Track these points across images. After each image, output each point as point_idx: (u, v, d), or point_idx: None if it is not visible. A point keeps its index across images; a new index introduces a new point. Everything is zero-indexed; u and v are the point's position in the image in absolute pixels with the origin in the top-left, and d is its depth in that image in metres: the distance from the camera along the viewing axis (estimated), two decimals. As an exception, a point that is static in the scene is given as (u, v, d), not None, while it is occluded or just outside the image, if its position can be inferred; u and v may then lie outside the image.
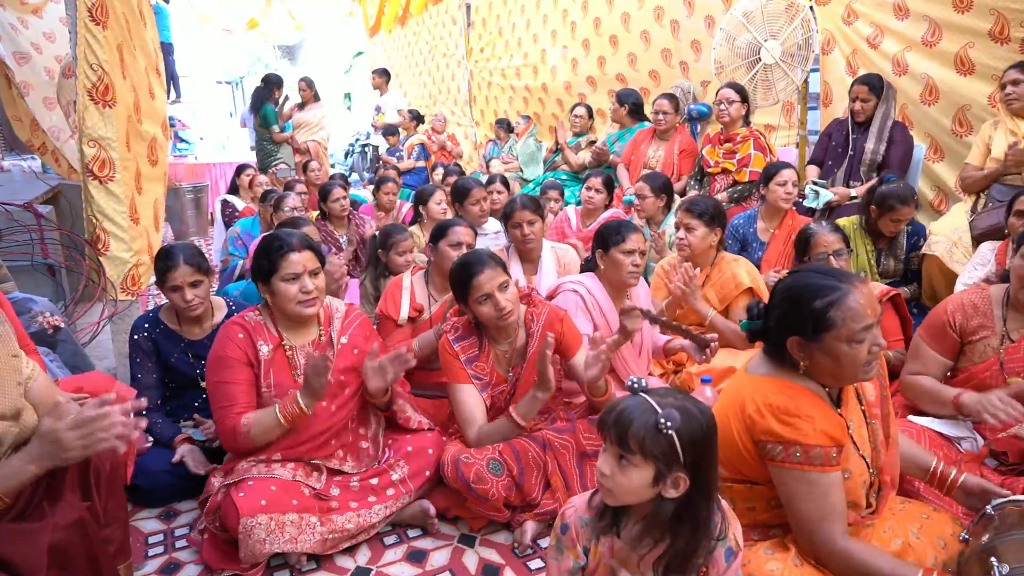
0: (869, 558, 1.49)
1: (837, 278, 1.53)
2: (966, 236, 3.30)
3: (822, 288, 1.52)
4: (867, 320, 1.48)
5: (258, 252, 2.21)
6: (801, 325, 1.53)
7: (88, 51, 3.15)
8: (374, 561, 2.13)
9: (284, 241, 2.18)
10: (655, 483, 1.29)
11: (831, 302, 1.49)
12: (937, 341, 2.28)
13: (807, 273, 1.60)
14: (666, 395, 1.33)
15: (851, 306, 1.48)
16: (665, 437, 1.26)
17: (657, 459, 1.27)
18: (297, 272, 2.15)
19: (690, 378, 2.81)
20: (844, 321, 1.48)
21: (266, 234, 2.26)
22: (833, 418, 1.56)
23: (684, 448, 1.27)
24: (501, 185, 4.59)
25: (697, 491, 1.30)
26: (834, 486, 1.52)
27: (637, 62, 6.24)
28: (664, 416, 1.26)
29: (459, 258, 2.41)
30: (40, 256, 3.61)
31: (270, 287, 2.17)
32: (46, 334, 2.78)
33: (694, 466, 1.29)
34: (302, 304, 2.16)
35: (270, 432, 2.12)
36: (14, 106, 6.20)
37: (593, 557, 1.42)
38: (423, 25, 10.08)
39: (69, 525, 1.55)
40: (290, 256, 2.14)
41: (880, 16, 4.21)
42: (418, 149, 8.28)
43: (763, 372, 1.64)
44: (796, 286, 1.57)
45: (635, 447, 1.27)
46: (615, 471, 1.31)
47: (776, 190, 3.54)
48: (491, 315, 2.22)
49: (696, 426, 1.29)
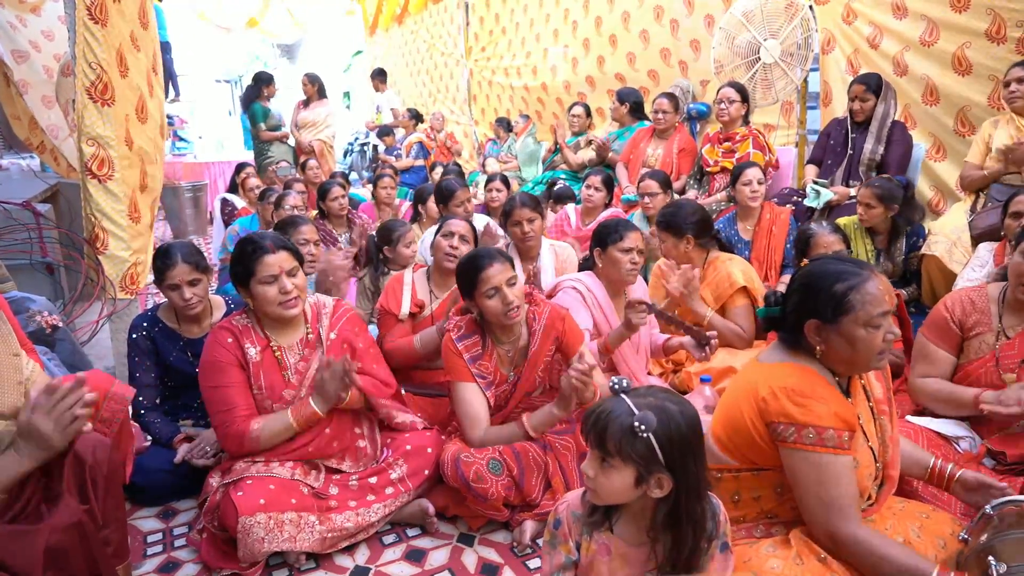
0: (883, 545, 1.50)
1: (857, 265, 1.59)
2: (965, 236, 3.30)
3: (843, 273, 1.57)
4: (884, 306, 1.53)
5: (234, 258, 2.20)
6: (821, 308, 1.58)
7: (87, 49, 3.14)
8: (373, 560, 2.13)
9: (257, 244, 2.16)
10: (638, 484, 1.30)
11: (851, 286, 1.54)
12: (941, 338, 2.29)
13: (828, 260, 1.66)
14: (646, 396, 1.33)
15: (870, 291, 1.53)
16: (642, 440, 1.26)
17: (636, 461, 1.28)
18: (274, 274, 2.13)
19: (689, 378, 2.81)
20: (863, 305, 1.53)
21: (240, 239, 2.25)
22: (845, 403, 1.58)
23: (663, 449, 1.27)
24: (500, 183, 4.59)
25: (684, 490, 1.31)
26: (846, 469, 1.53)
27: (636, 61, 6.24)
28: (639, 419, 1.26)
29: (468, 253, 2.41)
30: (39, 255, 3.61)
31: (250, 291, 2.17)
32: (44, 333, 2.77)
33: (676, 466, 1.29)
34: (283, 306, 2.16)
35: (280, 436, 2.14)
36: (13, 104, 6.19)
37: (585, 553, 1.42)
38: (421, 24, 10.08)
39: (67, 527, 1.55)
40: (265, 259, 2.13)
41: (879, 15, 4.21)
42: (417, 148, 8.27)
43: (777, 359, 1.67)
44: (817, 271, 1.62)
45: (613, 450, 1.28)
46: (598, 473, 1.32)
47: (742, 190, 3.64)
48: (498, 310, 2.21)
49: (675, 426, 1.29)
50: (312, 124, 7.69)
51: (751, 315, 2.93)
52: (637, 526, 1.38)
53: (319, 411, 2.13)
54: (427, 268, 3.01)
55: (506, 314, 2.21)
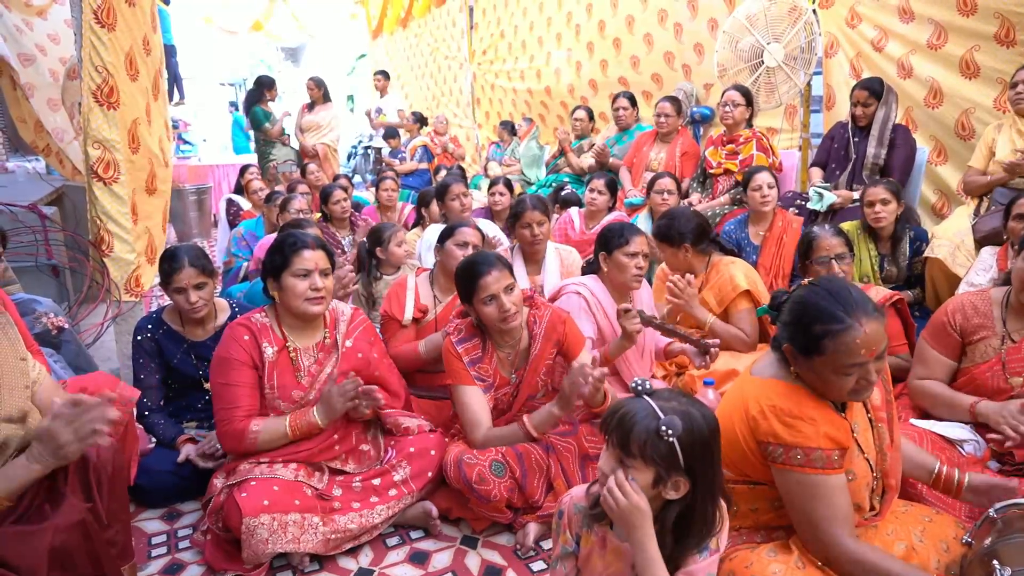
0: (879, 561, 1.49)
1: (846, 309, 1.48)
2: (969, 239, 3.29)
3: (826, 315, 1.50)
4: (858, 358, 1.47)
5: (272, 248, 2.25)
6: (797, 340, 1.55)
7: (93, 53, 3.16)
8: (376, 562, 2.13)
9: (298, 238, 2.23)
10: (655, 485, 1.30)
11: (829, 331, 1.48)
12: (940, 343, 2.30)
13: (824, 291, 1.55)
14: (670, 399, 1.33)
15: (846, 342, 1.47)
16: (666, 443, 1.27)
17: (657, 464, 1.28)
18: (308, 268, 2.18)
19: (692, 380, 2.81)
20: (835, 352, 1.48)
21: (282, 232, 2.29)
22: (836, 421, 1.56)
23: (685, 453, 1.28)
24: (504, 187, 4.59)
25: (701, 492, 1.31)
26: (837, 489, 1.52)
27: (640, 65, 6.25)
28: (666, 423, 1.27)
29: (466, 257, 2.41)
30: (44, 257, 3.62)
31: (280, 283, 2.19)
32: (50, 335, 2.79)
33: (695, 469, 1.29)
34: (310, 301, 2.18)
35: (277, 440, 2.15)
36: (18, 107, 6.23)
37: (585, 545, 1.44)
38: (425, 27, 10.10)
39: (70, 527, 1.56)
40: (303, 252, 2.19)
41: (884, 19, 4.21)
42: (421, 151, 8.28)
43: (769, 374, 1.65)
44: (807, 300, 1.56)
45: (636, 451, 1.29)
46: (615, 471, 1.32)
47: (753, 196, 3.63)
48: (495, 317, 2.22)
49: (698, 432, 1.29)
50: (316, 127, 7.71)
51: (754, 319, 2.93)
52: None
53: (320, 423, 2.16)
54: (430, 272, 3.02)
55: (503, 320, 2.22)
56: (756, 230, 3.71)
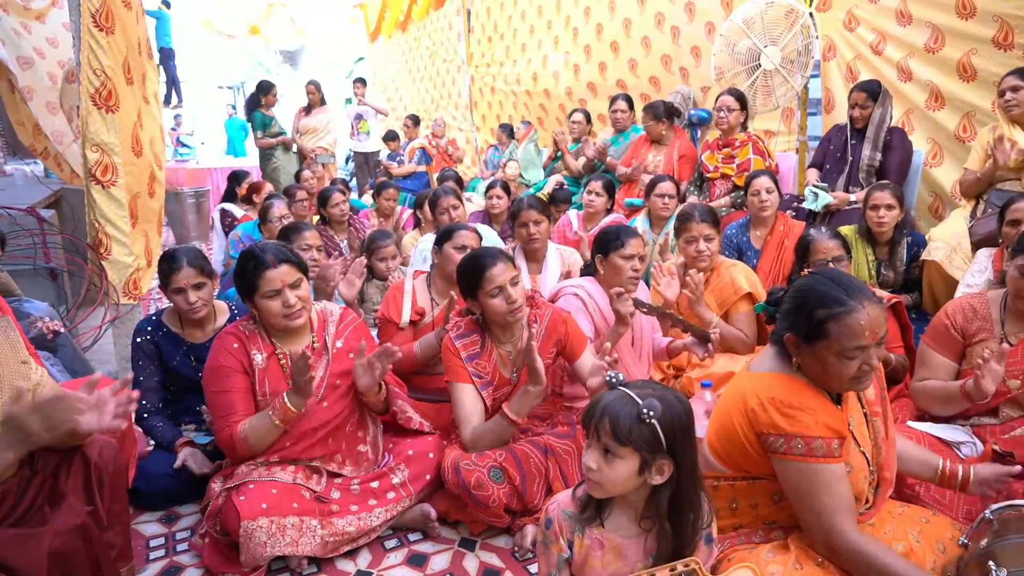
0: (882, 554, 1.50)
1: (847, 292, 1.53)
2: (965, 242, 3.31)
3: (828, 299, 1.53)
4: (862, 341, 1.50)
5: (236, 272, 2.19)
6: (800, 327, 1.57)
7: (91, 56, 3.17)
8: (375, 565, 2.13)
9: (259, 259, 2.14)
10: (640, 472, 1.34)
11: (832, 315, 1.51)
12: (941, 345, 2.30)
13: (824, 279, 1.60)
14: (644, 387, 1.38)
15: (850, 324, 1.50)
16: (648, 426, 1.31)
17: (641, 448, 1.32)
18: (276, 288, 2.13)
19: (690, 383, 2.81)
20: (839, 336, 1.51)
21: (241, 252, 2.24)
22: (834, 411, 1.58)
23: (666, 434, 1.32)
24: (501, 190, 4.60)
25: (684, 474, 1.36)
26: (838, 477, 1.53)
27: (638, 68, 6.27)
28: (646, 406, 1.31)
29: (469, 252, 2.40)
30: (42, 260, 3.63)
31: (254, 304, 2.18)
32: (44, 339, 2.79)
33: (676, 450, 1.34)
34: (287, 318, 2.16)
35: (267, 436, 2.12)
36: (17, 111, 6.23)
37: (579, 550, 1.44)
38: (424, 30, 10.12)
39: (71, 530, 1.56)
40: (266, 274, 2.12)
41: (882, 22, 4.23)
42: (419, 153, 8.30)
43: (766, 368, 1.67)
44: (808, 288, 1.60)
45: (620, 439, 1.32)
46: (601, 464, 1.35)
47: (752, 200, 3.64)
48: (502, 309, 2.21)
49: (675, 413, 1.35)
50: (313, 130, 7.77)
51: (754, 321, 2.94)
52: (629, 518, 1.42)
53: (293, 407, 2.08)
54: (427, 275, 3.02)
55: (510, 312, 2.21)
56: (757, 233, 3.71)
